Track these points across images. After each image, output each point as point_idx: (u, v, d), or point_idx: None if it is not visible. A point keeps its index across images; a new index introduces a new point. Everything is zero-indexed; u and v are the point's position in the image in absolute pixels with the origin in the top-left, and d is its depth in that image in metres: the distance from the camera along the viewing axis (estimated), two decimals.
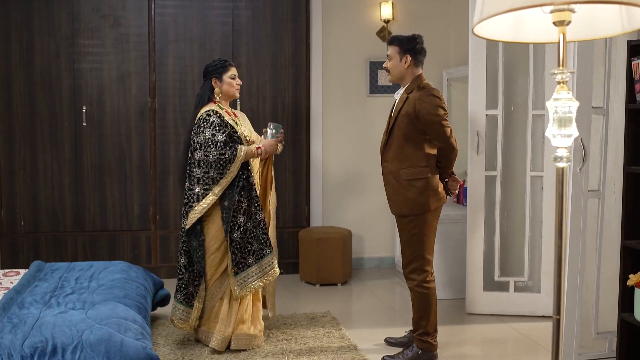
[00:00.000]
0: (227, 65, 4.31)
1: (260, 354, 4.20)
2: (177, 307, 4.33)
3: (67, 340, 3.25)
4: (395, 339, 4.45)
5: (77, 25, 5.97)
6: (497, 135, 5.07)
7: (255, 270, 4.22)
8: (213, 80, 4.30)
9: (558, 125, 1.92)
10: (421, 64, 4.10)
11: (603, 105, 3.90)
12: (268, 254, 4.26)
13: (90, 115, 6.03)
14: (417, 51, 4.06)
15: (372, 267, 6.65)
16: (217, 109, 4.23)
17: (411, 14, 6.54)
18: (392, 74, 4.12)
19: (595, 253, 3.96)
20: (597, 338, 3.98)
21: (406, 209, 4.04)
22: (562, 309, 1.87)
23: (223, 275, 4.26)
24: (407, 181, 4.01)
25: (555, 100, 1.92)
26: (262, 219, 4.25)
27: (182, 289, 4.31)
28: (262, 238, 4.24)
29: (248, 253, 4.21)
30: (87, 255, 6.08)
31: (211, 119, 4.15)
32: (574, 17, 2.00)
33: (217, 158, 4.10)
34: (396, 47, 4.07)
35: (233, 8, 6.17)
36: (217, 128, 4.13)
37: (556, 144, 1.93)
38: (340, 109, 6.53)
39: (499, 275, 5.10)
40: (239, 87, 4.37)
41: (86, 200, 6.08)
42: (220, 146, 4.10)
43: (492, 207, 5.11)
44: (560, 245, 1.91)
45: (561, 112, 1.91)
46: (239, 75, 6.10)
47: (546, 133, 1.94)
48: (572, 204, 3.78)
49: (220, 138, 4.11)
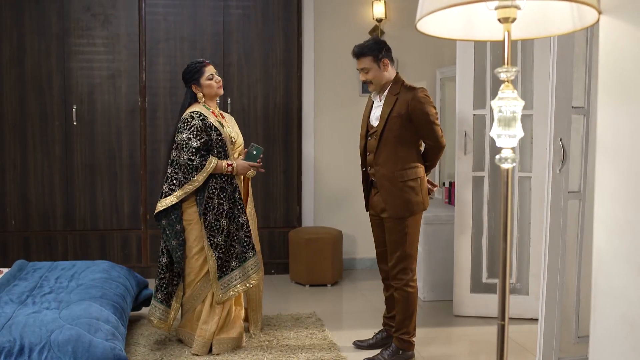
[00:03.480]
0: (201, 68, 4.25)
1: (240, 354, 4.17)
2: (156, 307, 4.30)
3: (35, 340, 3.23)
4: (365, 341, 4.40)
5: (67, 24, 5.96)
6: (485, 135, 5.01)
7: (238, 274, 4.19)
8: (193, 87, 4.27)
9: (503, 126, 1.87)
10: (393, 62, 4.08)
11: (584, 105, 3.83)
12: (250, 257, 4.23)
13: (80, 114, 6.02)
14: (387, 50, 4.03)
15: (364, 268, 6.60)
16: (201, 110, 4.18)
17: (403, 13, 6.49)
18: (375, 84, 4.03)
19: (575, 255, 3.89)
20: (577, 342, 3.91)
21: (404, 210, 4.00)
22: (506, 314, 1.83)
23: (206, 277, 4.23)
24: (403, 183, 3.98)
25: (499, 99, 1.87)
26: (245, 221, 4.21)
27: (163, 289, 4.28)
28: (244, 241, 4.20)
29: (231, 256, 4.18)
30: (77, 254, 6.08)
31: (193, 121, 4.12)
32: (526, 15, 1.96)
33: (185, 162, 4.09)
34: (369, 57, 4.00)
35: (224, 7, 6.15)
36: (194, 132, 4.09)
37: (501, 144, 1.88)
38: (332, 109, 6.48)
39: (487, 277, 5.04)
40: (220, 84, 4.31)
41: (76, 199, 6.07)
42: (192, 152, 4.08)
43: (480, 208, 5.05)
44: (505, 249, 1.86)
45: (506, 112, 1.86)
46: (230, 75, 6.14)
47: (490, 133, 1.89)
48: (552, 205, 3.71)
49: (194, 144, 4.08)
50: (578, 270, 3.87)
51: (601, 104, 1.96)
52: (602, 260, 1.93)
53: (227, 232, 4.15)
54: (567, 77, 3.67)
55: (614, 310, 1.87)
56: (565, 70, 3.66)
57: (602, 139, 1.95)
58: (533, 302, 4.91)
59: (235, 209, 4.18)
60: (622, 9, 1.88)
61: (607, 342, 1.89)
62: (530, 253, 4.93)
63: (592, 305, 1.95)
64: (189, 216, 4.20)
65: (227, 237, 4.16)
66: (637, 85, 1.82)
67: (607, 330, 1.89)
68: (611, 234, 1.89)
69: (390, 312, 4.35)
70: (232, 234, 4.18)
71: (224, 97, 6.14)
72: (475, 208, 5.05)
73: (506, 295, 1.83)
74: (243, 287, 4.21)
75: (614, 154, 1.89)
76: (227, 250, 4.16)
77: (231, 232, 4.17)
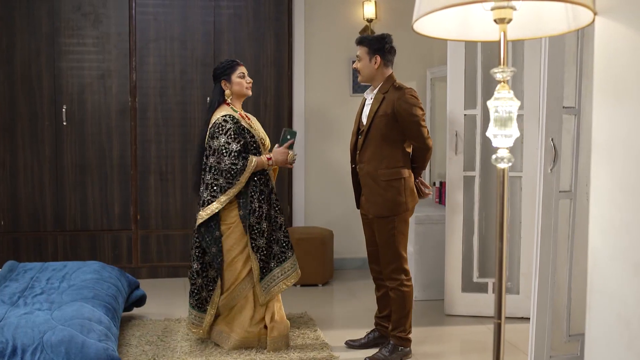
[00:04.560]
0: (234, 65, 4.26)
1: (232, 354, 4.17)
2: (190, 312, 4.32)
3: (27, 341, 3.22)
4: (357, 340, 4.41)
5: (57, 23, 5.94)
6: (475, 135, 5.03)
7: (278, 273, 4.20)
8: (222, 83, 4.26)
9: (499, 126, 1.88)
10: (391, 63, 4.08)
11: (575, 105, 3.85)
12: (290, 256, 4.24)
13: (70, 114, 6.00)
14: (386, 51, 4.03)
15: (354, 267, 6.61)
16: (232, 114, 4.18)
17: (394, 13, 6.50)
18: (362, 75, 4.10)
19: (567, 254, 3.92)
20: (568, 340, 3.93)
21: (386, 210, 4.02)
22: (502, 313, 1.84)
23: (245, 279, 4.21)
24: (386, 182, 4.00)
25: (495, 99, 1.88)
26: (282, 222, 4.23)
27: (195, 294, 4.26)
28: (283, 241, 4.22)
29: (270, 257, 4.20)
30: (67, 255, 6.05)
31: (227, 125, 4.10)
32: (521, 15, 1.97)
33: (228, 167, 4.06)
34: (365, 48, 4.04)
35: (215, 7, 6.14)
36: (232, 136, 4.09)
37: (497, 144, 1.89)
38: (323, 109, 6.49)
39: (478, 276, 5.06)
40: (250, 85, 4.31)
41: (66, 200, 6.05)
42: (234, 156, 4.06)
43: (471, 207, 5.07)
44: (501, 248, 1.87)
45: (502, 112, 1.88)
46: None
47: (487, 133, 1.91)
48: (543, 204, 3.73)
49: (234, 147, 4.07)
50: (569, 269, 3.89)
51: (596, 104, 1.98)
52: (597, 260, 1.95)
53: (268, 235, 4.17)
54: (558, 77, 3.70)
55: (609, 310, 1.89)
56: (556, 70, 3.68)
57: (597, 139, 1.97)
58: (524, 301, 4.93)
59: (272, 209, 4.20)
60: (617, 10, 1.89)
61: (603, 341, 1.91)
62: (521, 252, 4.95)
63: (587, 305, 1.97)
64: (229, 220, 4.17)
65: (268, 240, 4.17)
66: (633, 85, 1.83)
67: (602, 329, 1.91)
68: (606, 233, 1.90)
69: (383, 312, 4.36)
70: (272, 236, 4.20)
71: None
72: (466, 208, 5.07)
73: (502, 294, 1.85)
74: (283, 286, 4.22)
75: (609, 154, 1.90)
76: (269, 252, 4.18)
77: (272, 234, 4.19)
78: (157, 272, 6.20)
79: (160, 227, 6.18)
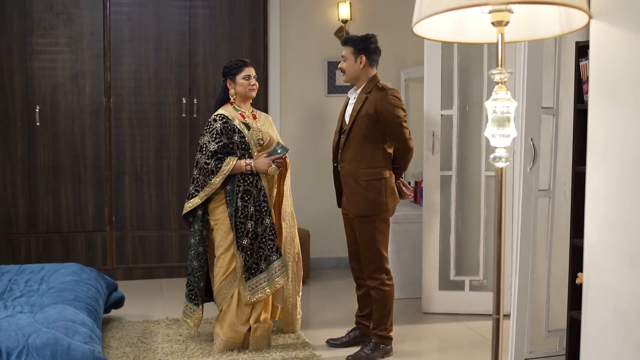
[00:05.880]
0: (241, 66, 4.26)
1: (214, 355, 4.17)
2: (184, 302, 4.39)
3: (12, 344, 3.19)
4: (338, 339, 4.44)
5: (29, 23, 5.86)
6: (452, 135, 5.10)
7: (265, 277, 4.20)
8: (227, 82, 4.29)
9: (497, 126, 1.93)
10: (376, 63, 4.13)
11: (553, 105, 3.94)
12: (275, 260, 4.22)
13: (43, 115, 5.92)
14: (371, 51, 4.08)
15: (330, 267, 6.64)
16: (226, 113, 4.22)
17: (369, 14, 6.55)
18: (347, 75, 4.14)
19: (545, 252, 4.01)
20: (548, 336, 4.02)
21: (366, 209, 4.06)
22: (501, 308, 1.88)
23: (233, 275, 4.21)
24: (367, 181, 4.04)
25: (493, 100, 1.93)
26: (269, 224, 4.21)
27: (189, 285, 4.35)
28: (269, 244, 4.22)
29: (260, 258, 4.20)
30: (40, 257, 5.97)
31: (215, 124, 4.17)
32: (514, 18, 2.02)
33: (203, 165, 4.15)
34: (350, 48, 4.08)
35: (190, 7, 6.12)
36: (214, 136, 4.14)
37: (495, 144, 1.94)
38: (298, 109, 6.52)
39: (455, 274, 5.13)
40: (254, 88, 4.30)
41: (39, 201, 5.97)
42: (208, 155, 4.13)
43: (448, 206, 5.13)
44: (499, 245, 1.92)
45: (499, 112, 1.92)
46: (197, 75, 6.12)
47: (485, 133, 1.95)
48: (523, 203, 3.82)
49: (211, 147, 4.13)
50: (548, 266, 3.98)
51: (592, 105, 2.04)
52: (593, 255, 2.01)
53: (253, 234, 4.16)
54: (537, 78, 3.79)
55: (606, 303, 1.95)
56: (535, 72, 3.77)
57: (594, 139, 2.03)
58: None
59: (260, 211, 4.20)
60: (612, 13, 1.95)
61: (599, 333, 1.97)
62: None
63: (584, 299, 2.03)
64: (216, 215, 4.22)
65: (254, 240, 4.17)
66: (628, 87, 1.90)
67: (599, 322, 1.97)
68: (603, 230, 1.96)
69: (363, 311, 4.40)
70: (260, 237, 4.19)
71: (190, 97, 6.12)
72: (443, 207, 5.14)
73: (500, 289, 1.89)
74: (270, 290, 4.22)
75: (605, 154, 1.97)
76: (254, 252, 4.17)
77: (259, 235, 4.18)
78: (133, 274, 6.15)
79: (135, 228, 6.13)
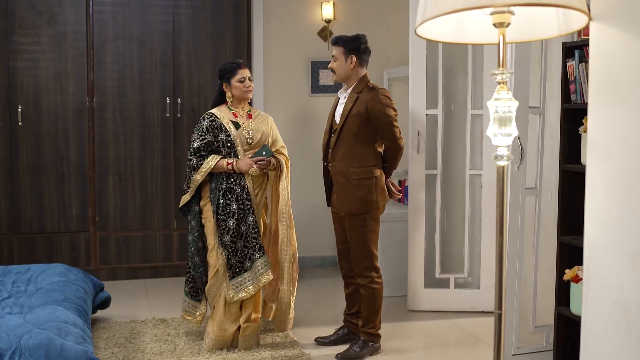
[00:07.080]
0: (235, 69, 4.28)
1: (204, 353, 4.18)
2: (183, 300, 4.42)
3: (4, 345, 3.17)
4: (327, 337, 4.47)
5: (11, 21, 5.80)
6: (437, 134, 5.15)
7: (249, 276, 4.22)
8: (223, 85, 4.32)
9: (498, 125, 1.97)
10: (366, 63, 4.18)
11: (540, 105, 4.01)
12: (257, 258, 4.24)
13: (26, 115, 5.87)
14: (361, 51, 4.12)
15: (315, 266, 6.67)
16: (216, 112, 4.26)
17: (352, 14, 6.58)
18: (338, 74, 4.17)
19: (533, 249, 4.07)
20: (535, 332, 4.09)
21: (357, 207, 4.10)
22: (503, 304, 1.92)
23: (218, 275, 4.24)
24: (358, 180, 4.08)
25: (495, 100, 1.97)
26: (252, 222, 4.22)
27: (189, 282, 4.40)
28: (251, 242, 4.23)
29: (245, 257, 4.22)
30: (23, 258, 5.91)
31: (202, 122, 4.25)
32: (513, 19, 2.06)
33: (187, 162, 4.25)
34: (341, 48, 4.12)
35: (173, 7, 6.10)
36: (200, 133, 4.22)
37: (497, 142, 1.98)
38: (282, 109, 6.53)
39: (440, 272, 5.18)
40: (249, 90, 4.32)
41: (22, 202, 5.91)
42: (191, 152, 4.24)
43: (433, 205, 5.19)
44: (501, 242, 1.96)
45: (501, 112, 1.96)
46: (180, 75, 6.10)
47: (487, 132, 1.99)
48: (510, 201, 3.88)
49: (195, 145, 4.23)
50: (535, 263, 4.05)
51: (592, 105, 2.09)
52: (594, 251, 2.06)
53: (235, 232, 4.18)
54: (524, 78, 3.85)
55: (606, 298, 2.00)
56: (522, 72, 3.83)
57: (594, 138, 2.08)
58: (485, 295, 5.08)
59: (245, 209, 4.21)
60: (612, 15, 2.00)
61: (600, 328, 2.02)
62: (482, 248, 5.09)
63: (584, 294, 2.08)
64: (205, 213, 4.30)
65: (238, 238, 4.19)
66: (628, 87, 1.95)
67: (599, 316, 2.02)
68: (603, 226, 2.01)
69: (352, 309, 4.43)
70: (243, 235, 4.21)
71: (174, 97, 6.11)
72: (428, 206, 5.19)
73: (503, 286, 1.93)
74: (254, 289, 4.23)
75: (605, 153, 2.02)
76: (237, 250, 4.20)
77: (242, 233, 4.20)
78: (117, 274, 6.13)
79: (119, 229, 6.10)
